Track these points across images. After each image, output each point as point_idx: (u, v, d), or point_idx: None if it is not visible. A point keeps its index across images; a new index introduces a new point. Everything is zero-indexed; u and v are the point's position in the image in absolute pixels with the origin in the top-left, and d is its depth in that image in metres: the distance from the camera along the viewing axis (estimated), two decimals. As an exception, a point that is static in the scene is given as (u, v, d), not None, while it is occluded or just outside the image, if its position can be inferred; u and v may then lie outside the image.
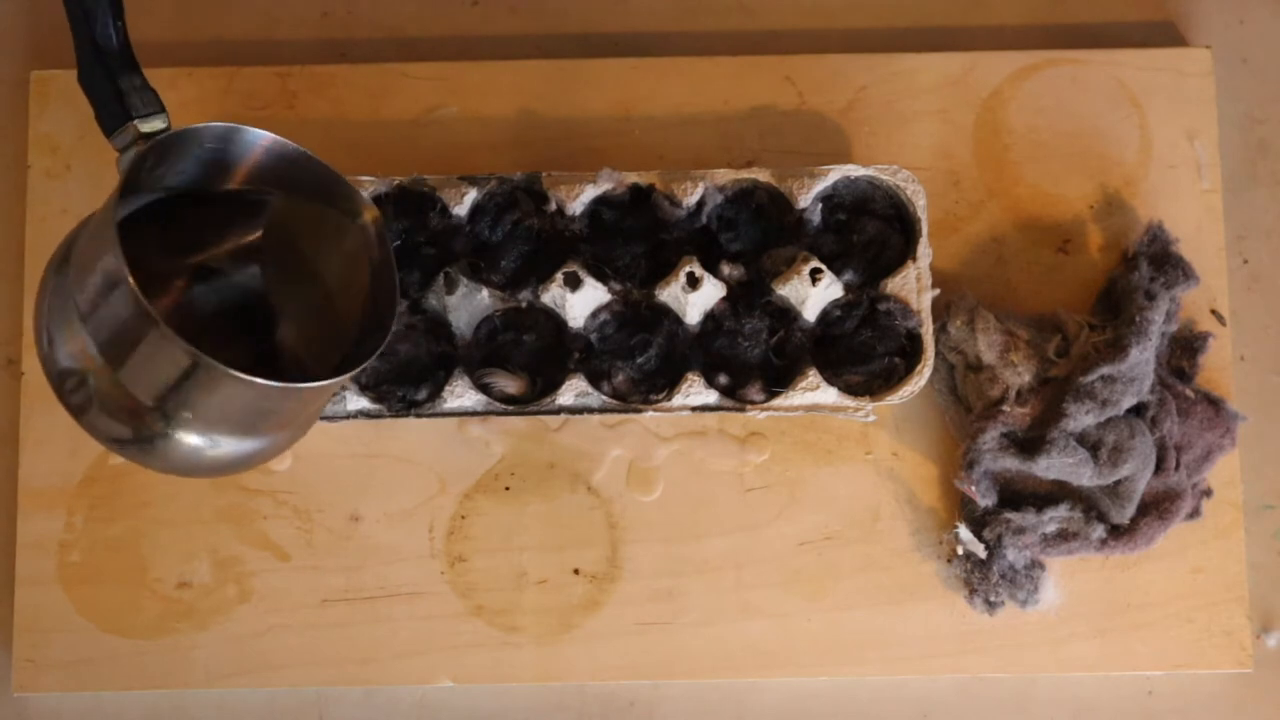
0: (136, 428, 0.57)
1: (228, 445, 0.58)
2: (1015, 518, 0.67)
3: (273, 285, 0.64)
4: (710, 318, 0.68)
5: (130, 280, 0.53)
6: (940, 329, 0.69)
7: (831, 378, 0.67)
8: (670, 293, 0.67)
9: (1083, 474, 0.67)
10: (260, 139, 0.60)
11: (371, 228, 0.62)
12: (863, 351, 0.68)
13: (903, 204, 0.69)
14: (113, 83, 0.57)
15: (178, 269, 0.63)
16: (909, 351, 0.68)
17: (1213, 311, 0.72)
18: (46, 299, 0.58)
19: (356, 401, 0.67)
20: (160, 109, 0.58)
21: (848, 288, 0.68)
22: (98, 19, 0.57)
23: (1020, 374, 0.68)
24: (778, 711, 0.70)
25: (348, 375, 0.58)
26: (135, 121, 0.58)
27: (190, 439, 0.57)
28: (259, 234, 0.64)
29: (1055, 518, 0.68)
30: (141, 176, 0.58)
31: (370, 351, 0.59)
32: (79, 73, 0.58)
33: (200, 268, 0.64)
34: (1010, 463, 0.67)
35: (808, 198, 0.68)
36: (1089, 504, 0.68)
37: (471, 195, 0.68)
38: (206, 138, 0.59)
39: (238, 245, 0.64)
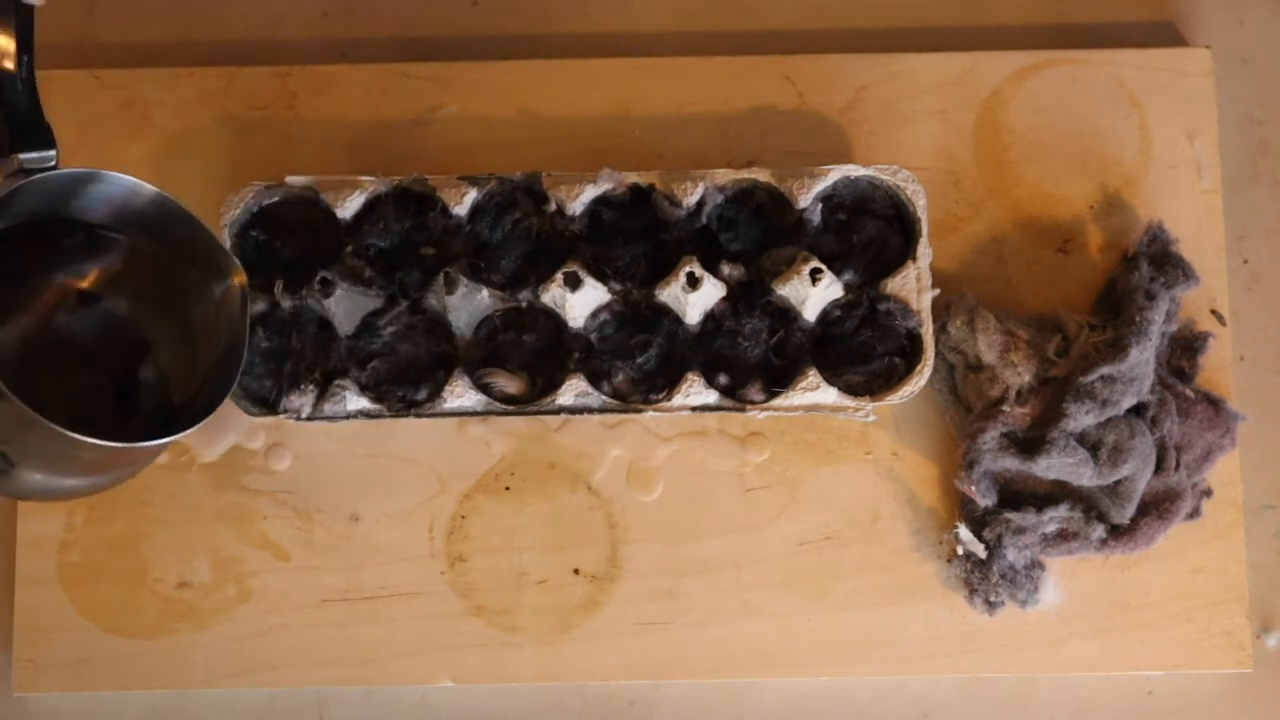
0: None
1: (67, 482, 0.59)
2: (1015, 518, 0.67)
3: (141, 317, 0.65)
4: (710, 318, 0.68)
5: None
6: (940, 329, 0.69)
7: (831, 378, 0.67)
8: (670, 293, 0.67)
9: (1083, 474, 0.67)
10: (140, 191, 0.61)
11: (237, 291, 0.63)
12: (863, 351, 0.68)
13: (903, 204, 0.69)
14: (9, 115, 0.58)
15: (44, 292, 0.64)
16: (909, 351, 0.68)
17: (1213, 311, 0.72)
18: None
19: (356, 401, 0.67)
20: (51, 145, 0.58)
21: (848, 288, 0.68)
22: (4, 54, 0.57)
23: (1020, 374, 0.68)
24: (778, 711, 0.70)
25: (172, 439, 0.59)
26: (20, 156, 0.58)
27: (33, 476, 0.58)
28: (120, 266, 0.64)
29: (1055, 518, 0.68)
30: (13, 206, 0.59)
31: (201, 415, 0.59)
32: None
33: (66, 294, 0.64)
34: (1010, 463, 0.67)
35: (808, 198, 0.68)
36: (1089, 504, 0.68)
37: (471, 195, 0.68)
38: (86, 180, 0.60)
39: (102, 275, 0.64)
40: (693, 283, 0.67)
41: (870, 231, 0.69)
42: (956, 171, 0.73)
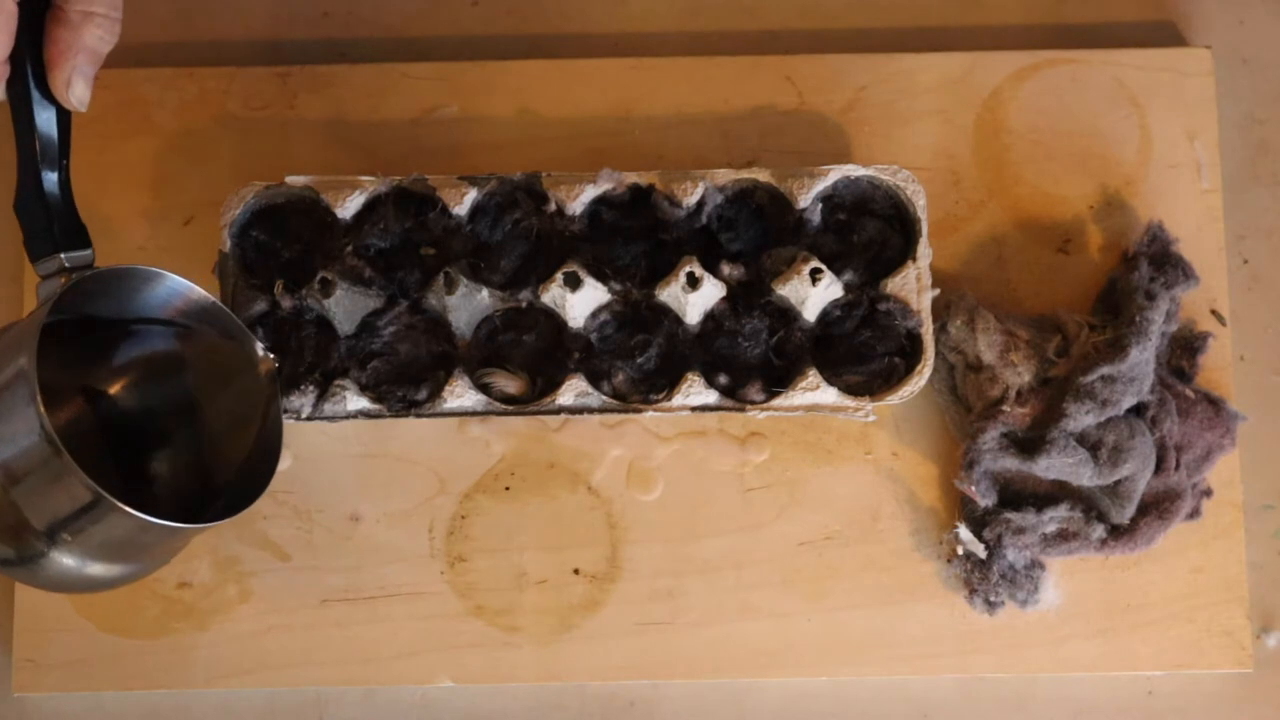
0: (19, 547, 0.58)
1: (96, 569, 0.60)
2: (1015, 518, 0.67)
3: (154, 412, 0.66)
4: (710, 318, 0.68)
5: (46, 421, 0.55)
6: (940, 329, 0.69)
7: (831, 378, 0.67)
8: (670, 293, 0.67)
9: (1083, 474, 0.67)
10: (174, 286, 0.62)
11: (265, 379, 0.64)
12: (863, 351, 0.68)
13: (903, 204, 0.69)
14: (46, 215, 0.59)
15: (65, 387, 0.65)
16: (909, 351, 0.68)
17: (1213, 311, 0.72)
18: None
19: (356, 401, 0.67)
20: (87, 245, 0.60)
21: (848, 288, 0.68)
22: (46, 155, 0.59)
23: (1020, 374, 0.68)
24: (778, 711, 0.70)
25: (219, 521, 0.60)
26: (62, 255, 0.59)
27: (65, 561, 0.59)
28: (156, 356, 0.66)
29: (1055, 518, 0.68)
30: (65, 303, 0.60)
31: (245, 501, 0.61)
32: (16, 199, 0.60)
33: (85, 389, 0.66)
34: (1010, 463, 0.67)
35: (808, 198, 0.68)
36: (1089, 504, 0.68)
37: (471, 195, 0.68)
38: (122, 278, 0.62)
39: (127, 371, 0.66)
40: (693, 283, 0.67)
41: (870, 231, 0.69)
42: (956, 171, 0.73)
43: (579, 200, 0.68)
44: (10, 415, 0.56)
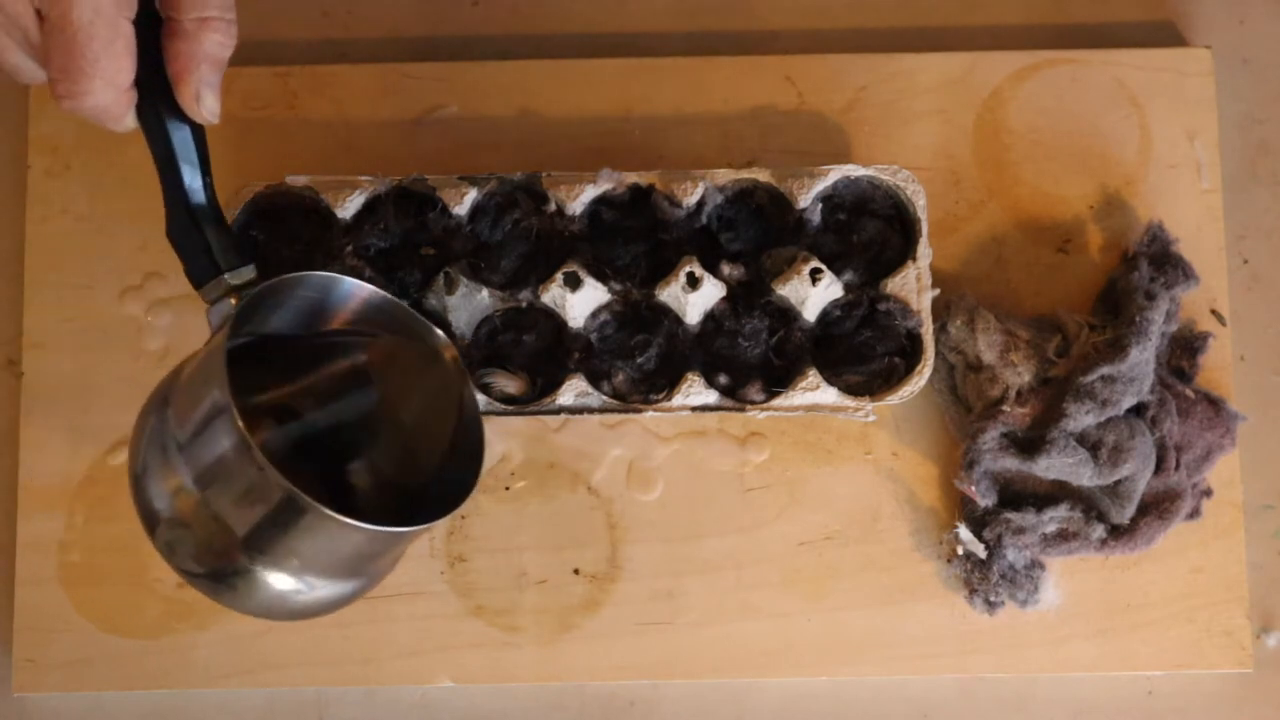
0: (227, 567, 0.57)
1: (322, 589, 0.58)
2: (1015, 518, 0.67)
3: (341, 424, 0.65)
4: (710, 318, 0.68)
5: (249, 439, 0.53)
6: (940, 329, 0.69)
7: (831, 378, 0.67)
8: (670, 293, 0.67)
9: (1083, 474, 0.67)
10: (348, 288, 0.61)
11: (453, 369, 0.63)
12: (863, 351, 0.68)
13: (903, 204, 0.69)
14: (202, 237, 0.58)
15: (257, 407, 0.64)
16: (909, 351, 0.68)
17: (1213, 311, 0.72)
18: (144, 442, 0.57)
19: (357, 401, 0.67)
20: (249, 259, 0.59)
21: (848, 288, 0.68)
22: (189, 175, 0.57)
23: (1020, 374, 0.68)
24: (778, 711, 0.70)
25: (440, 519, 0.59)
26: (226, 275, 0.58)
27: (281, 581, 0.57)
28: (338, 373, 0.65)
29: (1055, 518, 0.68)
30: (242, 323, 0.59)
31: (462, 492, 0.59)
32: (168, 227, 0.59)
33: (275, 407, 0.64)
34: (1010, 463, 0.67)
35: (808, 198, 0.68)
36: (1089, 504, 0.68)
37: (471, 195, 0.68)
38: (296, 287, 0.60)
39: (312, 385, 0.65)
40: (693, 283, 0.67)
41: (870, 231, 0.69)
42: (956, 171, 0.73)
43: (579, 200, 0.68)
44: (213, 449, 0.55)
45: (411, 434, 0.64)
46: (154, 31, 0.55)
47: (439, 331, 0.64)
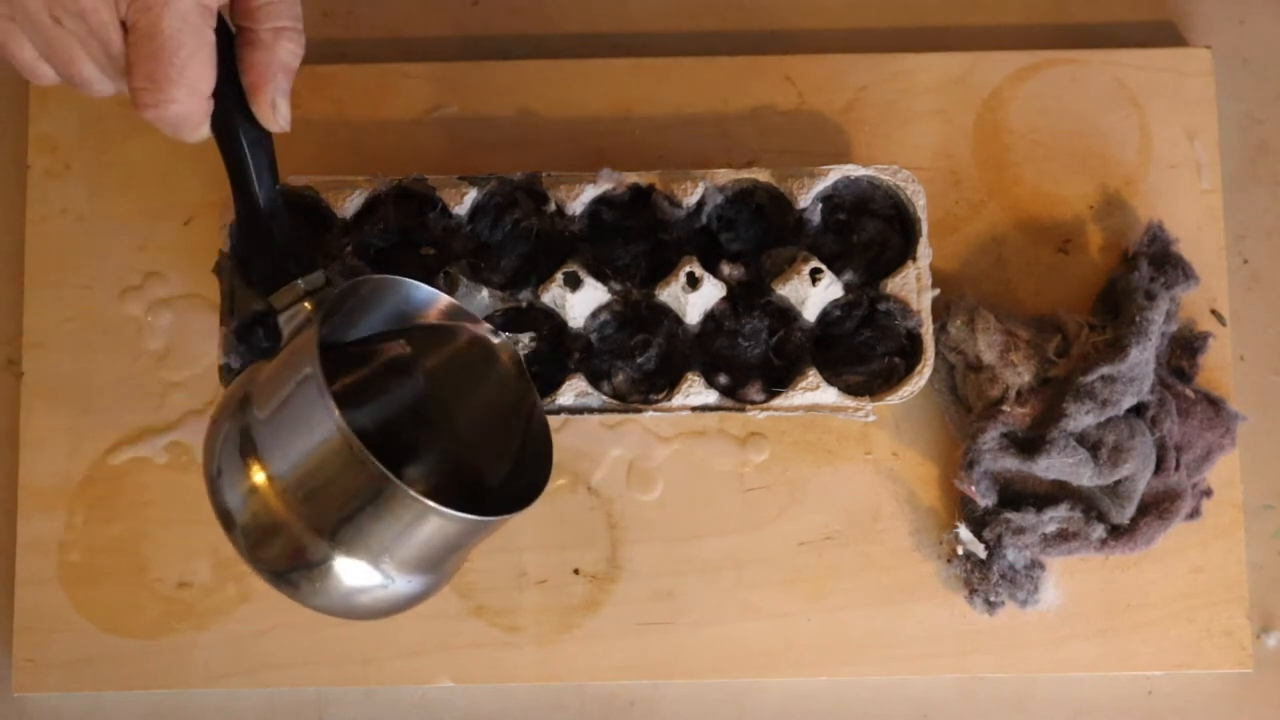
0: (311, 561, 0.57)
1: (401, 583, 0.58)
2: (1015, 518, 0.67)
3: (397, 426, 0.65)
4: (710, 318, 0.68)
5: (349, 431, 0.54)
6: (940, 329, 0.69)
7: (831, 378, 0.67)
8: (670, 293, 0.67)
9: (1083, 474, 0.67)
10: (411, 292, 0.62)
11: (511, 366, 0.64)
12: (863, 351, 0.68)
13: (903, 204, 0.69)
14: (275, 244, 0.58)
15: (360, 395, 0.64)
16: (909, 351, 0.68)
17: (1213, 311, 0.72)
18: (219, 443, 0.58)
19: (357, 401, 0.67)
20: (316, 264, 0.59)
21: (848, 288, 0.68)
22: (260, 183, 0.58)
23: (1020, 374, 0.68)
24: (778, 711, 0.70)
25: (519, 511, 0.59)
26: (299, 281, 0.58)
27: (364, 574, 0.57)
28: (395, 375, 0.65)
29: (1055, 518, 0.68)
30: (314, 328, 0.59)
31: (534, 489, 0.60)
32: (239, 236, 0.59)
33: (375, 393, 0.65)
34: (1010, 463, 0.67)
35: (808, 198, 0.68)
36: (1089, 504, 0.68)
37: (471, 195, 0.68)
38: (367, 290, 0.61)
39: (365, 388, 0.64)
40: (693, 283, 0.67)
41: (870, 231, 0.69)
42: (956, 171, 0.73)
43: (579, 200, 0.68)
44: (303, 443, 0.55)
45: (479, 431, 0.64)
46: (225, 42, 0.56)
47: (499, 331, 0.64)
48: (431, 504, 0.54)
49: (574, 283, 0.67)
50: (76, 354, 0.71)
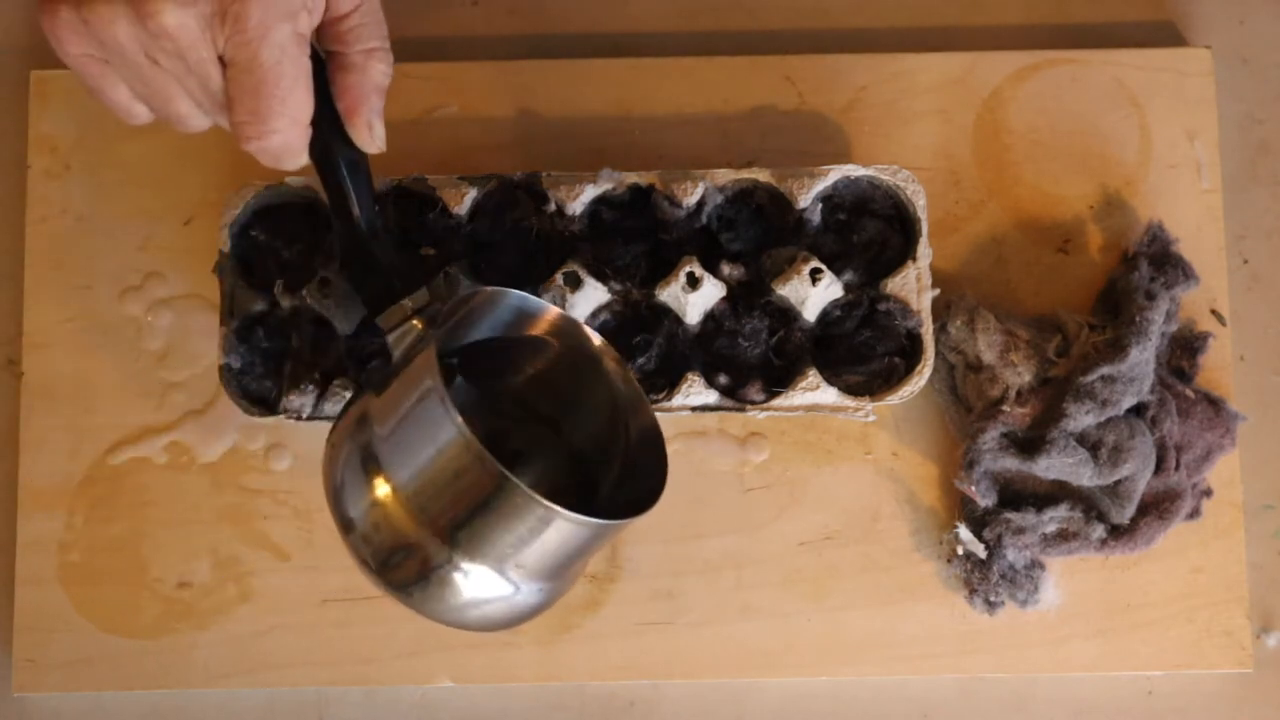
0: (437, 571, 0.57)
1: (526, 592, 0.58)
2: (1015, 518, 0.67)
3: (502, 435, 0.65)
4: (710, 318, 0.68)
5: (474, 440, 0.54)
6: (940, 329, 0.69)
7: (831, 378, 0.67)
8: (670, 293, 0.67)
9: (1083, 474, 0.67)
10: (515, 302, 0.62)
11: (616, 369, 0.63)
12: (863, 351, 0.68)
13: (903, 204, 0.69)
14: (378, 264, 0.59)
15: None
16: (909, 351, 0.68)
17: (1213, 311, 0.72)
18: (341, 462, 0.58)
19: (356, 401, 0.67)
20: (420, 281, 0.59)
21: (848, 288, 0.68)
22: (360, 204, 0.58)
23: (1020, 374, 0.68)
24: (778, 711, 0.70)
25: (639, 515, 0.59)
26: (406, 301, 0.59)
27: (490, 583, 0.57)
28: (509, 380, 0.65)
29: (1055, 518, 0.68)
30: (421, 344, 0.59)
31: (653, 494, 0.60)
32: (343, 259, 0.59)
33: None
34: (1010, 463, 0.67)
35: (808, 198, 0.68)
36: (1089, 504, 0.68)
37: (471, 195, 0.68)
38: (493, 301, 0.61)
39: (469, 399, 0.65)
40: (693, 283, 0.67)
41: (870, 231, 0.69)
42: (956, 171, 0.73)
43: (579, 200, 0.68)
44: (425, 453, 0.55)
45: (587, 434, 0.64)
46: (317, 67, 0.56)
47: (594, 331, 0.64)
48: (558, 508, 0.54)
49: (574, 283, 0.67)
50: (76, 354, 0.71)
